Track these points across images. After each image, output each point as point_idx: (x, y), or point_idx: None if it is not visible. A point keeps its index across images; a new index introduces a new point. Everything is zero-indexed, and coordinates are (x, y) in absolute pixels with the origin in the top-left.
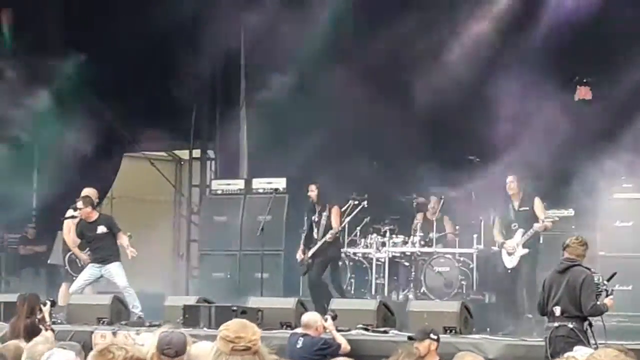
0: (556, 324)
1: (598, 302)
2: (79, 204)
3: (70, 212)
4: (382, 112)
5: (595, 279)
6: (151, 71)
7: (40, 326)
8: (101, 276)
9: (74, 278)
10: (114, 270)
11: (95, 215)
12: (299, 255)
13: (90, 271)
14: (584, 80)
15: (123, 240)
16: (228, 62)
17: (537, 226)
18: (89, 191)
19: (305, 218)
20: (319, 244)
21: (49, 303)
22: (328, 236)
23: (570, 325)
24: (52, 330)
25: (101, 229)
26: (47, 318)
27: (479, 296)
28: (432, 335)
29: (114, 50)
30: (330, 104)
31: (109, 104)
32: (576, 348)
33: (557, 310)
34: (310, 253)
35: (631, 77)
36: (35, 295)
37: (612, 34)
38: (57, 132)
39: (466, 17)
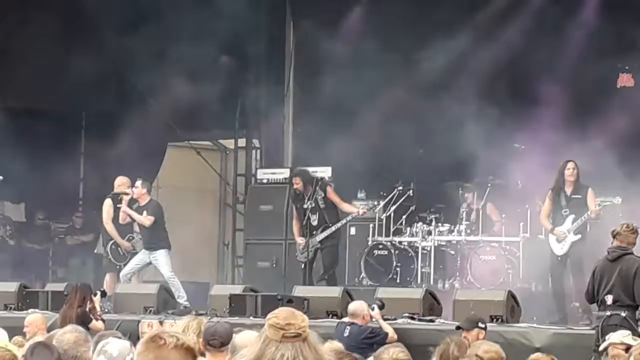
0: (608, 313)
1: None
2: (137, 182)
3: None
4: (427, 99)
5: None
6: (196, 61)
7: (91, 316)
8: (150, 262)
9: (118, 267)
10: (161, 258)
11: (146, 199)
12: (300, 239)
13: (141, 256)
14: (626, 68)
15: (139, 218)
16: (274, 51)
17: (591, 212)
18: (121, 180)
19: (294, 208)
20: (333, 228)
21: (99, 293)
22: (350, 217)
23: (623, 314)
24: (103, 320)
25: (145, 214)
26: (98, 308)
27: (525, 285)
28: (480, 325)
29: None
30: (376, 92)
31: (155, 94)
32: (612, 333)
33: (609, 299)
34: (320, 238)
35: None
36: (86, 285)
37: None
38: (105, 121)
39: None
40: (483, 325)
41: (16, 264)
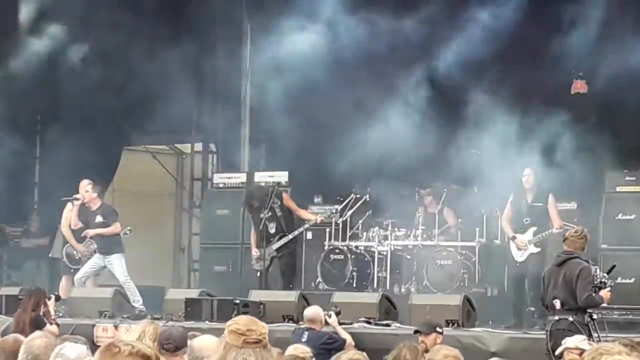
0: (556, 317)
1: (594, 294)
2: (88, 187)
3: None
4: (384, 104)
5: (593, 271)
6: (153, 64)
7: (45, 320)
8: (104, 266)
9: (72, 271)
10: (115, 262)
11: (97, 204)
12: (254, 252)
13: (95, 260)
14: (580, 74)
15: (110, 230)
16: (231, 54)
17: (554, 231)
18: (85, 183)
19: (250, 216)
20: (289, 237)
21: (53, 297)
22: (307, 225)
23: (571, 318)
24: (57, 324)
25: (99, 219)
26: (52, 312)
27: (481, 289)
28: (437, 329)
29: (115, 42)
30: (329, 98)
31: (110, 96)
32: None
33: (557, 304)
34: (276, 245)
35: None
36: (40, 289)
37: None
38: (57, 125)
39: None
40: (440, 330)
41: None
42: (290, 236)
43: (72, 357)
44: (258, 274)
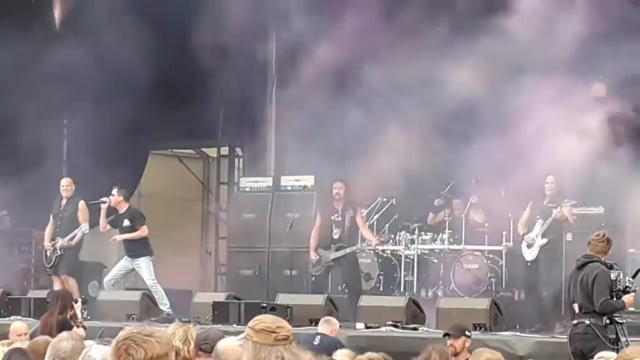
0: (575, 321)
1: (614, 299)
2: (114, 191)
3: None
4: (410, 109)
5: (613, 275)
6: (179, 68)
7: (72, 322)
8: (133, 269)
9: (47, 268)
10: (143, 266)
11: (124, 208)
12: (314, 256)
13: (123, 263)
14: (599, 77)
15: (137, 234)
16: (257, 59)
17: (554, 212)
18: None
19: (318, 216)
20: (347, 250)
21: (80, 300)
22: (363, 245)
23: (587, 322)
24: (84, 327)
25: (126, 223)
26: (79, 314)
27: (508, 293)
28: (467, 333)
29: (142, 48)
30: (357, 101)
31: (137, 101)
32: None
33: (576, 307)
34: (333, 256)
35: None
36: (67, 292)
37: None
38: (84, 128)
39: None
40: (469, 334)
41: None
42: (348, 250)
43: (98, 359)
44: (313, 278)
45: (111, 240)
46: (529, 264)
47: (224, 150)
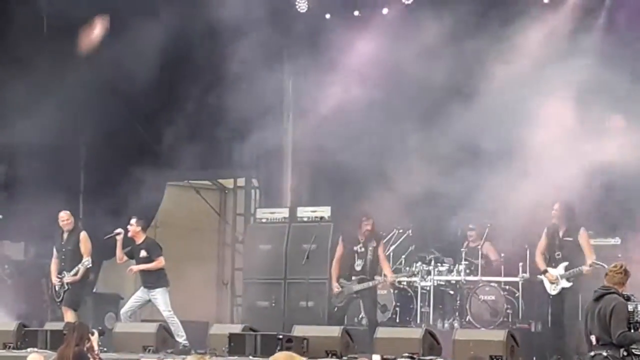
0: (592, 353)
1: (631, 331)
2: (133, 221)
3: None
4: (423, 140)
5: (631, 307)
6: (195, 100)
7: (89, 355)
8: (149, 300)
9: (57, 302)
10: (160, 297)
11: (141, 238)
12: (336, 287)
13: (140, 294)
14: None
15: (154, 265)
16: (272, 91)
17: (584, 269)
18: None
19: (341, 246)
20: (370, 284)
21: (96, 332)
22: (379, 280)
23: (605, 354)
24: (100, 359)
25: (143, 254)
26: (96, 347)
27: (525, 325)
28: None
29: (158, 79)
30: (370, 135)
31: (153, 132)
32: None
33: (594, 339)
34: (356, 288)
35: None
36: (84, 324)
37: None
38: (102, 159)
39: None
40: None
41: (14, 303)
42: (370, 284)
43: None
44: (335, 309)
45: (127, 271)
46: (550, 297)
47: (241, 182)
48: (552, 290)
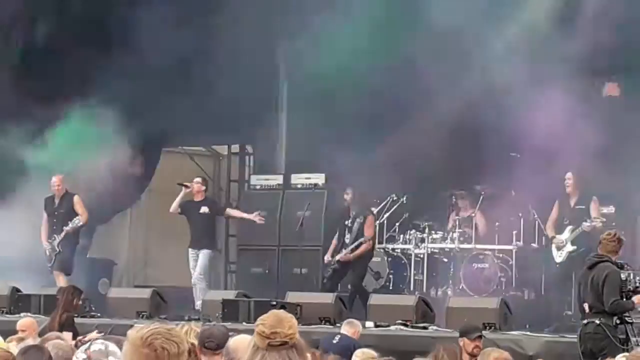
0: (585, 321)
1: (624, 299)
2: (198, 179)
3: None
4: (421, 107)
5: (628, 275)
6: (191, 68)
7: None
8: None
9: (49, 266)
10: (202, 258)
11: (203, 197)
12: (327, 257)
13: (192, 259)
14: (612, 76)
15: (234, 212)
16: (267, 58)
17: (585, 225)
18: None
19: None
20: (346, 251)
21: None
22: (362, 248)
23: (597, 322)
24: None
25: (204, 209)
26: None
27: (518, 293)
28: (482, 332)
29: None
30: (369, 99)
31: (148, 100)
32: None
33: (587, 307)
34: (337, 257)
35: None
36: (69, 287)
37: None
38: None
39: None
40: (481, 334)
41: None
42: (342, 252)
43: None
44: (324, 280)
45: (226, 215)
46: (557, 265)
47: (235, 148)
48: (558, 257)
